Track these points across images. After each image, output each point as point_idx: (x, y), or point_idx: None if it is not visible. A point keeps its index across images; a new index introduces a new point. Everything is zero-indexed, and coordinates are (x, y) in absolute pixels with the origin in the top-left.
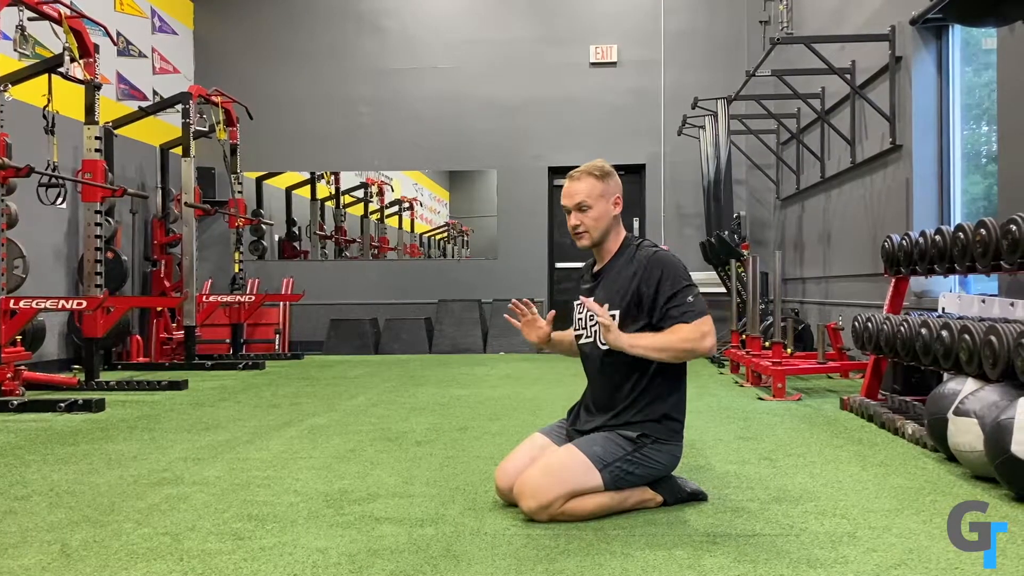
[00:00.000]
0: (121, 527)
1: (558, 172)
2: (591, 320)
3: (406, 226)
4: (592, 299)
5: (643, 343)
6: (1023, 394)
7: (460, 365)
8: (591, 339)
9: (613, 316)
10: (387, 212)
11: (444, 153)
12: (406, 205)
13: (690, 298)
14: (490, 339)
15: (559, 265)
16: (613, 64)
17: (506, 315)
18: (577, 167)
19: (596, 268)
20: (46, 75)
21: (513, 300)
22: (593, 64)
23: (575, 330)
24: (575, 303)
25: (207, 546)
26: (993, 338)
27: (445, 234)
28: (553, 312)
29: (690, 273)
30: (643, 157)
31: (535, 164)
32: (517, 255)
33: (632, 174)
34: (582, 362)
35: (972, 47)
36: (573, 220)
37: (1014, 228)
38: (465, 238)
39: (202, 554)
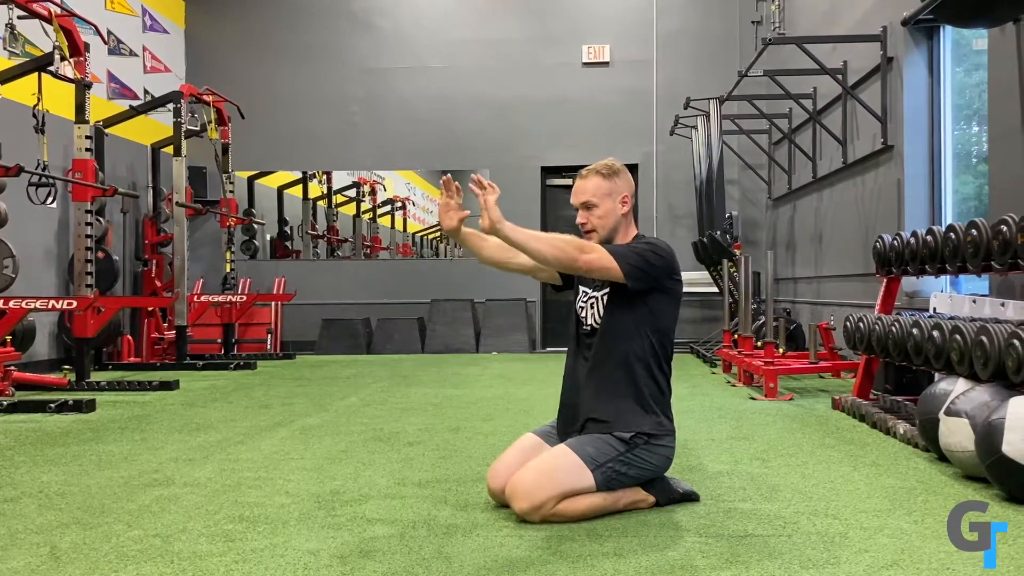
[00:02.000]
0: (111, 529)
1: (551, 172)
2: (592, 307)
3: (399, 225)
4: (588, 288)
5: (524, 230)
6: (1014, 394)
7: (453, 365)
8: (589, 325)
9: (604, 295)
10: (379, 211)
11: (437, 152)
12: (398, 204)
13: (634, 254)
14: (483, 339)
15: None
16: (606, 64)
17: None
18: (572, 166)
19: None
20: (36, 74)
21: (444, 178)
22: (586, 64)
23: (578, 314)
24: (579, 291)
25: (198, 548)
26: (984, 338)
27: (438, 234)
28: (467, 212)
29: (680, 270)
30: (636, 157)
31: (528, 164)
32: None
33: None
34: (570, 353)
35: (963, 48)
36: (580, 218)
37: (1005, 228)
38: None
39: (193, 556)
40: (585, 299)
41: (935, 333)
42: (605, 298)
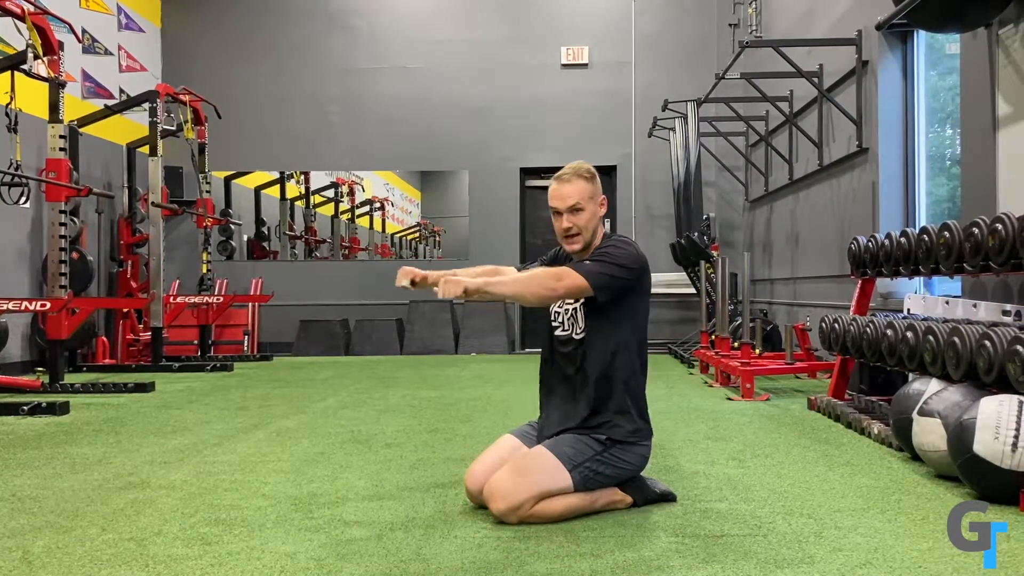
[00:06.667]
0: (85, 533)
1: (530, 173)
2: (567, 314)
3: (377, 226)
4: None
5: (497, 279)
6: (985, 394)
7: (431, 366)
8: (567, 332)
9: (580, 303)
10: (358, 212)
11: (415, 153)
12: (377, 205)
13: (600, 265)
14: (461, 340)
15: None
16: (584, 66)
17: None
18: (551, 167)
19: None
20: (8, 72)
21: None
22: (564, 66)
23: (552, 322)
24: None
25: (173, 551)
26: (956, 339)
27: (417, 234)
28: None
29: (647, 263)
30: (614, 159)
31: (507, 165)
32: (489, 255)
33: (603, 176)
34: (545, 359)
35: (936, 51)
36: (565, 223)
37: (976, 231)
38: (437, 238)
39: (168, 560)
40: (560, 307)
41: (909, 334)
42: (582, 306)
